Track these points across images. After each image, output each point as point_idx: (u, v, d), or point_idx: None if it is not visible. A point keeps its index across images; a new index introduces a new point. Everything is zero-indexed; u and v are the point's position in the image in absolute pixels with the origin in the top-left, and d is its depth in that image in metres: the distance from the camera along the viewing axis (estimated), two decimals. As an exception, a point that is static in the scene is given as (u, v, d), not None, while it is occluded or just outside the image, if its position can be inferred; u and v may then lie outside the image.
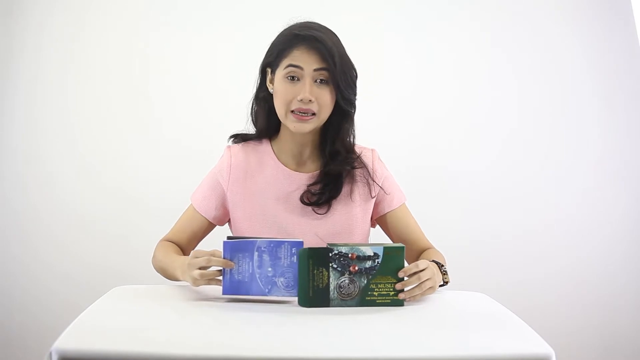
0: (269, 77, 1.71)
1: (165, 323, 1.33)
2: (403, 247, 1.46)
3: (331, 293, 1.43)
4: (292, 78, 1.65)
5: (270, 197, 1.73)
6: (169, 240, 1.78)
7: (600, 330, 2.73)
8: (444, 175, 2.70)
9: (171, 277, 1.65)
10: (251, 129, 1.79)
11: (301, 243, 1.45)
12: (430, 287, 1.50)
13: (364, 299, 1.43)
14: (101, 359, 1.15)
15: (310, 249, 1.44)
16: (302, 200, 1.72)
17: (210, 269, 1.49)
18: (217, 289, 1.50)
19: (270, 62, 1.70)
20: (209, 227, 1.79)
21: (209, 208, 1.77)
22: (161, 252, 1.73)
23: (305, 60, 1.64)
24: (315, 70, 1.64)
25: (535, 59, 2.72)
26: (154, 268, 1.74)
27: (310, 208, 1.72)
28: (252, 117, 1.78)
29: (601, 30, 2.71)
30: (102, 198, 2.65)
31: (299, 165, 1.76)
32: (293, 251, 1.45)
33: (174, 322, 1.34)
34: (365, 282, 1.43)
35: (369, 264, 1.44)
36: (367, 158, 1.77)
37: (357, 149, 1.77)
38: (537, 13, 2.71)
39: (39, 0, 2.62)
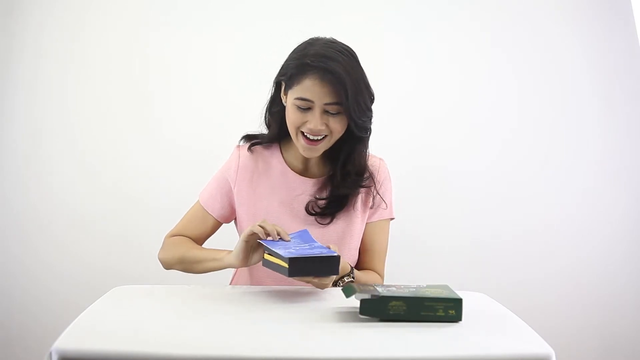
0: (282, 89, 1.69)
1: (165, 323, 1.33)
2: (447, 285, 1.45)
3: (379, 288, 1.41)
4: (303, 108, 1.63)
5: (275, 200, 1.74)
6: (178, 234, 1.79)
7: (600, 330, 2.73)
8: (444, 175, 2.70)
9: (199, 267, 1.69)
10: (264, 130, 1.79)
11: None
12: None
13: (412, 291, 1.38)
14: (101, 359, 1.16)
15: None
16: (307, 210, 1.72)
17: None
18: (222, 287, 1.53)
19: (284, 81, 1.67)
20: (216, 225, 1.80)
21: (216, 207, 1.78)
22: (184, 246, 1.74)
23: (316, 93, 1.60)
24: (325, 104, 1.61)
25: (535, 59, 2.72)
26: (165, 260, 1.76)
27: (313, 217, 1.73)
28: (265, 123, 1.78)
29: (601, 30, 2.71)
30: (102, 198, 2.65)
31: (306, 169, 1.77)
32: (324, 252, 1.49)
33: (174, 322, 1.34)
34: (414, 289, 1.42)
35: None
36: (374, 168, 1.77)
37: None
38: (537, 13, 2.71)
39: (39, 0, 2.62)
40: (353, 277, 1.65)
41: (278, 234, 1.54)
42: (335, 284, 1.62)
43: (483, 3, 2.71)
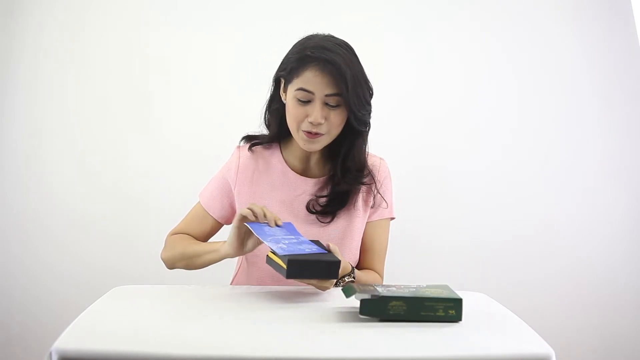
0: (282, 86, 1.70)
1: (165, 323, 1.33)
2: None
3: (379, 288, 1.42)
4: (303, 101, 1.64)
5: (276, 200, 1.74)
6: (180, 233, 1.80)
7: (600, 330, 2.73)
8: (444, 176, 2.70)
9: (199, 261, 1.70)
10: (264, 130, 1.80)
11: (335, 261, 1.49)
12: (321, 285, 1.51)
13: (412, 291, 1.39)
14: (101, 359, 1.16)
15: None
16: (308, 208, 1.72)
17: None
18: (222, 287, 1.54)
19: (284, 76, 1.68)
20: (217, 226, 1.81)
21: (217, 208, 1.78)
22: (184, 242, 1.75)
23: (316, 84, 1.61)
24: (326, 95, 1.62)
25: (535, 59, 2.72)
26: (167, 258, 1.77)
27: (314, 216, 1.72)
28: (265, 123, 1.78)
29: (601, 30, 2.71)
30: (102, 198, 2.65)
31: (306, 169, 1.77)
32: (321, 252, 1.49)
33: (174, 322, 1.34)
34: (414, 288, 1.42)
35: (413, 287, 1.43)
36: (374, 168, 1.77)
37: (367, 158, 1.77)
38: (537, 13, 2.71)
39: (39, 0, 2.62)
40: (354, 277, 1.65)
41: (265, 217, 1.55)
42: (335, 284, 1.62)
43: (483, 3, 2.71)
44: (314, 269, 1.47)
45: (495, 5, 2.71)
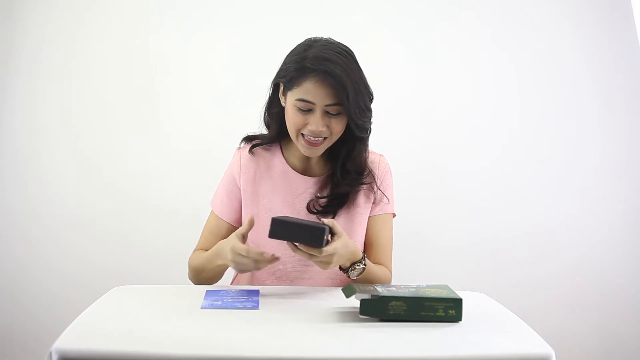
0: (281, 90, 1.69)
1: (165, 323, 1.33)
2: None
3: (379, 288, 1.42)
4: (304, 110, 1.63)
5: (277, 199, 1.75)
6: (199, 250, 1.80)
7: (600, 331, 2.73)
8: (444, 175, 2.70)
9: (213, 270, 1.69)
10: (264, 130, 1.80)
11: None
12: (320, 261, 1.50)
13: (412, 291, 1.39)
14: (101, 359, 1.16)
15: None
16: (308, 208, 1.73)
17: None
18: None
19: (283, 82, 1.67)
20: (234, 230, 1.79)
21: (230, 212, 1.78)
22: (197, 260, 1.74)
23: (316, 95, 1.61)
24: (327, 105, 1.61)
25: (536, 58, 2.72)
26: (192, 279, 1.76)
27: (315, 215, 1.73)
28: (265, 124, 1.78)
29: (601, 30, 2.71)
30: (102, 198, 2.65)
31: (307, 169, 1.77)
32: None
33: (174, 322, 1.34)
34: (414, 288, 1.42)
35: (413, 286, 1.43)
36: (373, 165, 1.77)
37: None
38: (537, 13, 2.71)
39: (39, 0, 2.62)
40: (365, 265, 1.62)
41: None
42: (347, 271, 1.60)
43: (483, 3, 2.71)
44: (297, 231, 1.46)
45: (496, 5, 2.71)
